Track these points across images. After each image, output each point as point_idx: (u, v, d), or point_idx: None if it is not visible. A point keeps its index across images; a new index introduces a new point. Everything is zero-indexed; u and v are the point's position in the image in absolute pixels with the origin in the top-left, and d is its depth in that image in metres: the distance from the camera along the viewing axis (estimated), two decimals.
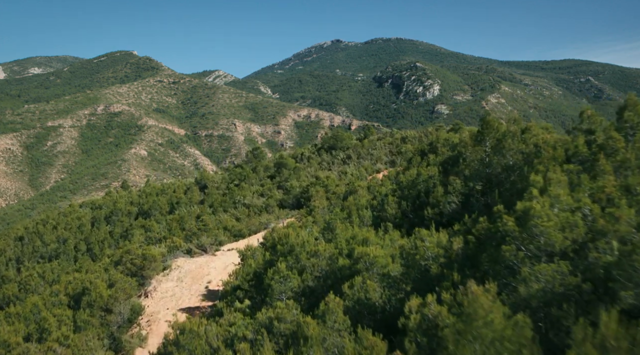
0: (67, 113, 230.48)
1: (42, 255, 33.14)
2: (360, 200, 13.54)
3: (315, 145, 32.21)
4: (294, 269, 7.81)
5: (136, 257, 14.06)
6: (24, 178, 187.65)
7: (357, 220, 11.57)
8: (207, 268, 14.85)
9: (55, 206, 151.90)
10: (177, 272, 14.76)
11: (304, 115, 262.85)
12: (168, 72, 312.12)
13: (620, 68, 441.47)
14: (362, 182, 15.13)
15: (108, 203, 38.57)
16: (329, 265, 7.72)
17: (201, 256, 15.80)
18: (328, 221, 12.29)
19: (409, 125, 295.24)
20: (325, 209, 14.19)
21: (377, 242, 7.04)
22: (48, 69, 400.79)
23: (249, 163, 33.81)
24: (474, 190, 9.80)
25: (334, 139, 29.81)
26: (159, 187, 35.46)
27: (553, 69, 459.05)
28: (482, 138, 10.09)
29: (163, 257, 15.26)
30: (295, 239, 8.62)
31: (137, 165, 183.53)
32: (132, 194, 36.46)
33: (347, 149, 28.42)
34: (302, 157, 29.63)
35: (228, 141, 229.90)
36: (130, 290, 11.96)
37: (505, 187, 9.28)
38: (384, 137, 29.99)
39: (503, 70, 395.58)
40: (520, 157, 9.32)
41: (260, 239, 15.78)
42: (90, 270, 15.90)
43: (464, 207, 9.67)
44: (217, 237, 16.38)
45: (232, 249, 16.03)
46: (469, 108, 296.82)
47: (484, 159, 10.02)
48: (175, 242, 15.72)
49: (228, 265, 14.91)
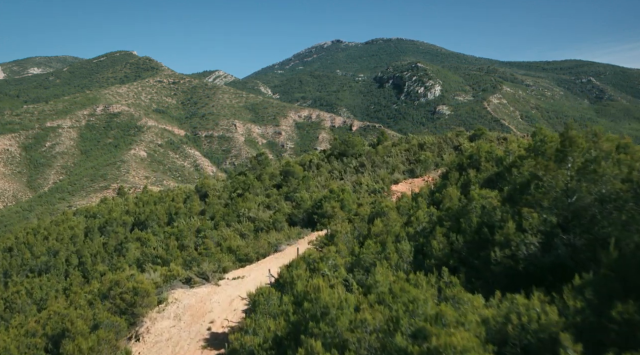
0: (66, 113, 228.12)
1: (32, 269, 30.97)
2: (393, 226, 11.35)
3: (324, 152, 29.92)
4: (332, 346, 5.66)
5: (126, 291, 11.90)
6: (22, 179, 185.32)
7: (395, 257, 9.38)
8: (209, 303, 12.67)
9: (53, 208, 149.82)
10: (174, 308, 12.57)
11: (304, 115, 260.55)
12: (168, 72, 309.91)
13: (622, 68, 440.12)
14: (390, 201, 13.00)
15: (103, 211, 36.40)
16: (381, 341, 5.56)
17: (202, 286, 13.64)
18: (358, 255, 10.11)
19: (410, 126, 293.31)
20: (349, 235, 12.05)
21: (455, 319, 4.93)
22: (47, 69, 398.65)
23: (252, 170, 31.61)
24: (555, 228, 7.59)
25: (344, 144, 27.55)
26: (156, 195, 33.24)
27: (554, 69, 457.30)
28: (563, 158, 7.88)
29: (158, 288, 13.11)
30: (330, 297, 6.47)
31: (136, 166, 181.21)
32: (129, 201, 34.24)
33: (360, 156, 26.16)
34: (310, 165, 27.36)
35: (228, 142, 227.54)
36: (116, 341, 9.82)
37: (602, 225, 7.08)
38: (399, 143, 27.75)
39: (504, 71, 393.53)
40: (621, 186, 7.10)
41: (272, 269, 13.58)
42: (74, 302, 13.71)
43: (544, 249, 7.47)
44: (220, 262, 14.24)
45: (238, 277, 13.88)
46: (470, 109, 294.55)
47: (565, 185, 7.81)
48: (172, 270, 13.58)
49: (234, 299, 12.74)
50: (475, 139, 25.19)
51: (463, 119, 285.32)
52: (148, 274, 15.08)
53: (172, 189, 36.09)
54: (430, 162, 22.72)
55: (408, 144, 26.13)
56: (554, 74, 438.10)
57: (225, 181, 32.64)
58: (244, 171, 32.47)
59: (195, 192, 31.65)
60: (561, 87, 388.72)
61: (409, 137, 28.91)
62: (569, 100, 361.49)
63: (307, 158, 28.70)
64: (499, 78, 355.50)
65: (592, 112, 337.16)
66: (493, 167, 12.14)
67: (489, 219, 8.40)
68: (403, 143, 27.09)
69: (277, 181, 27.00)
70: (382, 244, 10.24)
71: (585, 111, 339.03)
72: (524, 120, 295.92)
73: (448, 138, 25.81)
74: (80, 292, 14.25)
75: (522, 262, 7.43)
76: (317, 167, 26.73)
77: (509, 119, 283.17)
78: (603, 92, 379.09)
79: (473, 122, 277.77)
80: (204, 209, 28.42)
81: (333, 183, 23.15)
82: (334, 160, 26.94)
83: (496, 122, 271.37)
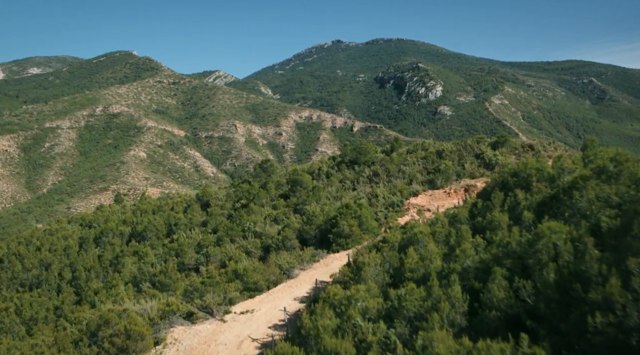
0: (66, 114, 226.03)
1: (22, 283, 29.15)
2: (433, 260, 9.55)
3: (334, 159, 27.90)
4: None
5: (117, 333, 10.11)
6: (20, 180, 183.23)
7: (447, 306, 7.58)
8: (214, 344, 10.85)
9: (51, 210, 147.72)
10: (173, 350, 10.77)
11: (305, 116, 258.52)
12: (168, 72, 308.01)
13: (623, 69, 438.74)
14: (424, 226, 11.20)
15: (99, 219, 34.57)
16: None
17: (206, 322, 11.83)
18: (399, 302, 8.32)
19: (411, 127, 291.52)
20: (379, 267, 10.26)
21: None
22: (47, 69, 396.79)
23: (257, 177, 29.77)
24: None
25: (356, 151, 25.56)
26: (155, 204, 31.40)
27: (555, 69, 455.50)
28: None
29: (155, 326, 11.32)
30: None
31: (136, 167, 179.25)
32: (126, 209, 32.38)
33: (373, 164, 24.18)
34: (319, 173, 25.40)
35: (229, 143, 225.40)
36: None
37: None
38: (414, 149, 25.75)
39: (505, 71, 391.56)
40: None
41: (285, 301, 11.76)
42: (58, 340, 11.88)
43: None
44: (226, 292, 12.43)
45: (247, 311, 12.08)
46: (472, 109, 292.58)
47: None
48: (171, 305, 11.77)
49: (243, 341, 10.93)
50: (497, 146, 23.23)
51: (464, 119, 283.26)
52: (144, 303, 13.27)
53: (172, 196, 34.25)
54: (451, 172, 20.80)
55: (425, 152, 24.04)
56: (555, 74, 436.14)
57: (228, 189, 30.80)
58: (247, 179, 30.62)
59: (196, 200, 29.83)
60: (562, 88, 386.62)
61: (425, 143, 26.98)
62: (570, 100, 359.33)
63: (316, 165, 26.74)
64: (500, 78, 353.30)
65: (594, 113, 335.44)
66: (546, 187, 10.35)
67: (575, 267, 6.58)
68: (419, 150, 25.05)
69: (284, 190, 25.18)
70: (425, 287, 8.44)
71: (587, 112, 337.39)
72: (525, 120, 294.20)
73: (468, 145, 23.87)
74: (68, 328, 12.45)
75: (636, 335, 5.60)
76: (327, 175, 24.73)
77: (511, 119, 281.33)
78: (604, 93, 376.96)
79: (475, 123, 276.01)
80: (205, 219, 26.61)
81: (346, 194, 21.31)
82: (345, 168, 24.99)
83: (498, 123, 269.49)
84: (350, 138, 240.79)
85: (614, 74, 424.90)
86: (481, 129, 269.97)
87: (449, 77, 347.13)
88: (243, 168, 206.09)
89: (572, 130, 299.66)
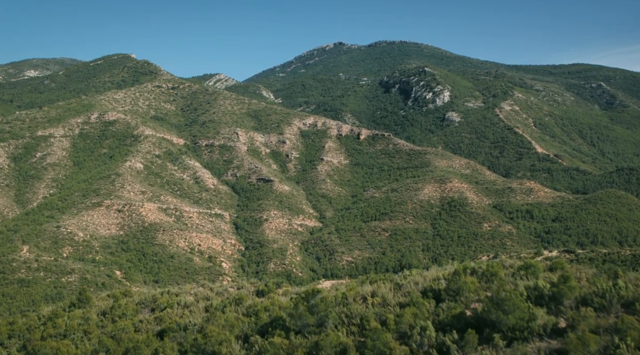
0: (59, 121, 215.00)
1: None
2: None
3: (455, 317, 15.77)
4: None
5: None
6: (9, 193, 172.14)
7: None
8: None
9: (40, 228, 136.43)
10: None
11: (309, 123, 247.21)
12: (167, 76, 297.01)
13: (632, 73, 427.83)
14: None
15: (46, 349, 22.67)
16: None
17: None
18: None
19: (418, 134, 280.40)
20: None
21: None
22: (45, 71, 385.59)
23: None
24: None
25: (495, 305, 13.45)
26: (134, 320, 20.91)
27: (562, 73, 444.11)
28: None
29: None
30: None
31: (132, 180, 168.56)
32: (90, 320, 21.64)
33: (524, 332, 13.00)
34: (427, 348, 13.85)
35: (230, 152, 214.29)
36: None
37: None
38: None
39: (513, 75, 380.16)
40: None
41: None
42: None
43: None
44: None
45: None
46: (481, 116, 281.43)
47: None
48: None
49: None
50: None
51: (474, 126, 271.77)
52: None
53: (168, 300, 23.64)
54: None
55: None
56: (562, 78, 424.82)
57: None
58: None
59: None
60: (571, 92, 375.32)
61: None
62: (580, 106, 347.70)
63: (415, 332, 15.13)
64: (509, 83, 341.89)
65: (606, 119, 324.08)
66: None
67: None
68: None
69: None
70: None
71: (599, 118, 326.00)
72: (537, 128, 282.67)
73: None
74: None
75: None
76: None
77: (523, 127, 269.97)
78: (614, 98, 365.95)
79: (485, 131, 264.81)
80: None
81: None
82: (471, 338, 13.26)
83: (509, 130, 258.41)
84: (357, 147, 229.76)
85: (622, 78, 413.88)
86: (492, 136, 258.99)
87: (457, 82, 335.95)
88: (245, 179, 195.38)
89: (585, 138, 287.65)
